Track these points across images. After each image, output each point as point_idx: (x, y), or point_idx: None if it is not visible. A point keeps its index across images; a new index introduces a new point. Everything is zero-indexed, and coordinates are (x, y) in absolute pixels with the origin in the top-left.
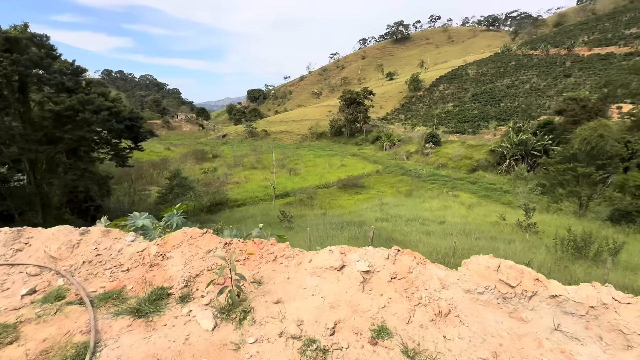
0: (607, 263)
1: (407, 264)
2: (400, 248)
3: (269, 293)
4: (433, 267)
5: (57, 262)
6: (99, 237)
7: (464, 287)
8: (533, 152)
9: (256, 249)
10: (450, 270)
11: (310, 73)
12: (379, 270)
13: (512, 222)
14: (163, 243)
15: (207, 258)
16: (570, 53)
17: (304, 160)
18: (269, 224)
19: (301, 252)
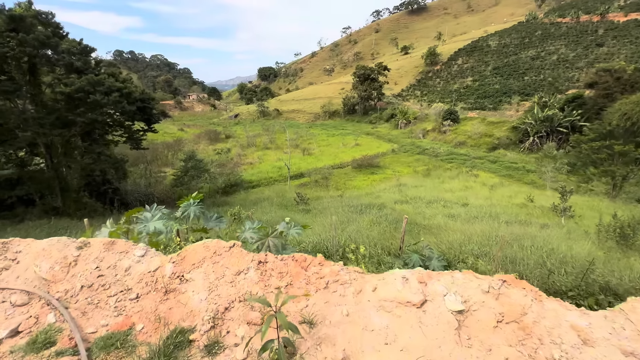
0: None
1: (517, 300)
2: (505, 278)
3: (326, 341)
4: (557, 306)
5: (50, 286)
6: (101, 251)
7: (626, 346)
8: (559, 129)
9: (300, 272)
10: (588, 312)
11: (322, 49)
12: (476, 309)
13: (540, 204)
14: (180, 260)
15: (237, 282)
16: (604, 20)
17: (317, 139)
18: (285, 207)
19: (360, 274)
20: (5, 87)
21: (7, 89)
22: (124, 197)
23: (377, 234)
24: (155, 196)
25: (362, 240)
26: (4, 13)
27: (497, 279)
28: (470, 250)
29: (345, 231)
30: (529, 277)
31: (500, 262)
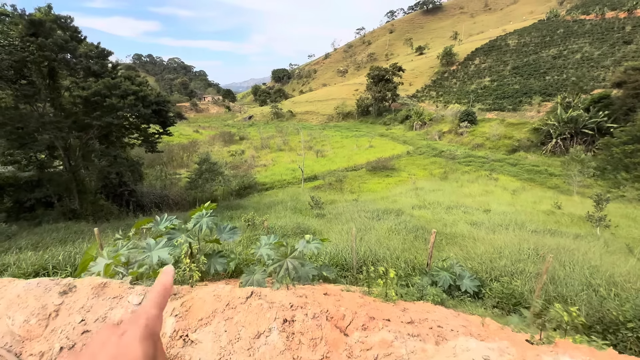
0: None
1: None
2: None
3: None
4: None
5: (24, 344)
6: (89, 297)
7: None
8: (584, 131)
9: (338, 338)
10: None
11: (335, 50)
12: None
13: (569, 212)
14: (184, 312)
15: (255, 349)
16: (631, 16)
17: (331, 141)
18: (300, 211)
19: (421, 346)
20: (26, 91)
21: (27, 92)
22: (139, 199)
23: (398, 243)
24: (170, 198)
25: (383, 252)
26: (25, 18)
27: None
28: (503, 266)
29: (363, 240)
30: (575, 300)
31: (543, 284)
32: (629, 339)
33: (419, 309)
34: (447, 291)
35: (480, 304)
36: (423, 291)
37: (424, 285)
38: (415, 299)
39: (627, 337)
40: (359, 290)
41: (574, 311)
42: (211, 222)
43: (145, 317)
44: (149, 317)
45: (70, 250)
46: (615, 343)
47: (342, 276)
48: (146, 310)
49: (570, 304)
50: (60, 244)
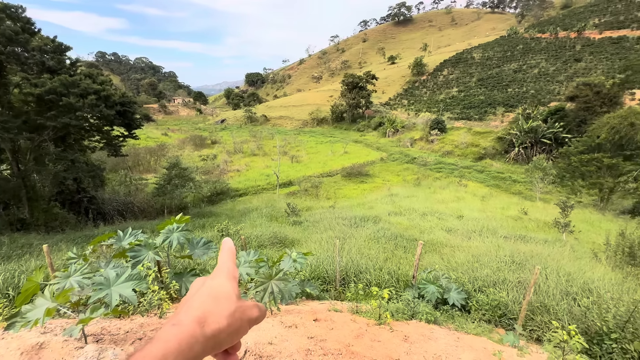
0: None
1: None
2: None
3: None
4: None
5: None
6: None
7: None
8: (543, 140)
9: None
10: None
11: (310, 56)
12: None
13: (535, 217)
14: None
15: None
16: (581, 36)
17: (306, 146)
18: (275, 218)
19: None
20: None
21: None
22: (100, 207)
23: (379, 253)
24: (136, 206)
25: (365, 262)
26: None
27: None
28: (485, 276)
29: (343, 249)
30: (557, 310)
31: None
32: (614, 349)
33: (417, 333)
34: (435, 305)
35: (469, 318)
36: (414, 308)
37: (412, 299)
38: (407, 318)
39: (611, 347)
40: (347, 308)
41: (573, 329)
42: (183, 238)
43: (225, 267)
44: (228, 267)
45: (14, 269)
46: (601, 354)
47: (324, 290)
48: (223, 263)
49: (553, 313)
50: (2, 260)
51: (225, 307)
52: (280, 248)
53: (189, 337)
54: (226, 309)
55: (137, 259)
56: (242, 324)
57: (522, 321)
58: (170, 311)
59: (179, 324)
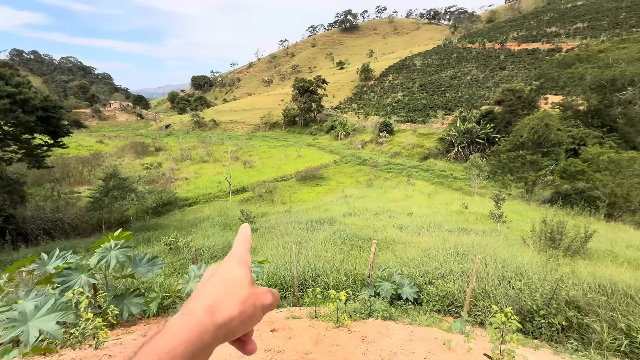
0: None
1: None
2: None
3: None
4: None
5: None
6: None
7: None
8: (478, 140)
9: None
10: None
11: (259, 60)
12: None
13: (474, 211)
14: None
15: None
16: (503, 47)
17: (259, 151)
18: (229, 226)
19: None
20: None
21: None
22: (21, 227)
23: (335, 254)
24: (67, 223)
25: (322, 265)
26: None
27: None
28: (434, 269)
29: (300, 254)
30: (495, 295)
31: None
32: (542, 324)
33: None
34: (390, 301)
35: (421, 310)
36: (371, 307)
37: (368, 297)
38: (364, 317)
39: (540, 323)
40: (306, 314)
41: (509, 311)
42: (123, 255)
43: (238, 254)
44: (240, 254)
45: None
46: (532, 330)
47: (283, 297)
48: (236, 250)
49: (492, 298)
50: None
51: (237, 294)
52: None
53: (199, 326)
54: (238, 296)
55: (66, 285)
56: (255, 311)
57: (468, 308)
58: (109, 340)
59: (188, 314)
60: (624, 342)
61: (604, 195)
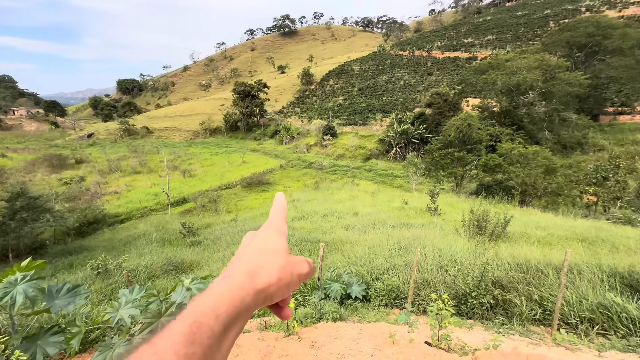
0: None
1: None
2: None
3: None
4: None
5: None
6: None
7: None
8: (413, 140)
9: None
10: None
11: (195, 63)
12: None
13: (413, 206)
14: None
15: None
16: (430, 55)
17: (200, 159)
18: (169, 242)
19: None
20: None
21: None
22: None
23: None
24: None
25: None
26: None
27: None
28: (380, 264)
29: None
30: (435, 282)
31: (413, 274)
32: (475, 305)
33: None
34: (340, 302)
35: (370, 306)
36: (321, 310)
37: (318, 300)
38: (315, 321)
39: (473, 304)
40: (256, 326)
41: (446, 297)
42: (33, 289)
43: (275, 223)
44: (277, 223)
45: None
46: (467, 311)
47: None
48: (273, 219)
49: (432, 286)
50: None
51: (275, 262)
52: (176, 275)
53: (240, 289)
54: (276, 264)
55: None
56: (292, 279)
57: (412, 298)
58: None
59: (230, 277)
60: (539, 311)
61: (517, 185)
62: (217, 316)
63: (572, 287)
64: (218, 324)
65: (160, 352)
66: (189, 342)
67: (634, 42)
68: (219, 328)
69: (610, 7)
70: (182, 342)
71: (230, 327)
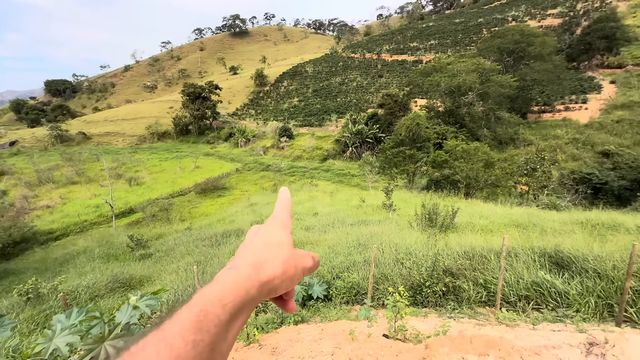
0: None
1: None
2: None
3: None
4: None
5: None
6: None
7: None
8: (367, 140)
9: None
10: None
11: (138, 63)
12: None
13: (370, 203)
14: None
15: None
16: (379, 58)
17: (147, 165)
18: (115, 257)
19: None
20: None
21: None
22: None
23: None
24: None
25: None
26: None
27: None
28: (340, 263)
29: (206, 273)
30: (392, 276)
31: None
32: (428, 294)
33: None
34: (302, 303)
35: (331, 305)
36: (282, 314)
37: None
38: (277, 326)
39: (427, 293)
40: None
41: (402, 289)
42: None
43: (280, 217)
44: (282, 217)
45: None
46: (422, 300)
47: None
48: (278, 214)
49: (390, 279)
50: None
51: (280, 255)
52: (124, 293)
53: (246, 280)
54: (281, 257)
55: None
56: (296, 272)
57: (371, 293)
58: None
59: (235, 268)
60: (484, 294)
61: (462, 179)
62: (223, 306)
63: (511, 269)
64: (225, 313)
65: (169, 337)
66: (197, 329)
67: (551, 49)
68: (226, 317)
69: (531, 18)
70: (190, 328)
71: (236, 316)
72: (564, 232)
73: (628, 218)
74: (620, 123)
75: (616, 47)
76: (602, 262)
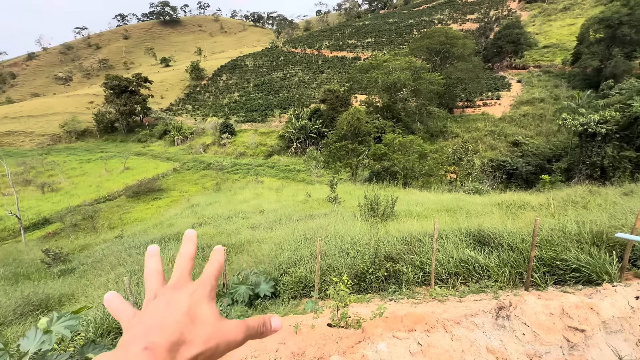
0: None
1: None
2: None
3: None
4: (462, 330)
5: None
6: None
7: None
8: (311, 135)
9: None
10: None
11: (46, 50)
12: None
13: (316, 197)
14: None
15: None
16: (320, 54)
17: (65, 168)
18: (27, 276)
19: None
20: None
21: None
22: None
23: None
24: None
25: None
26: None
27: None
28: (287, 259)
29: (140, 285)
30: (338, 266)
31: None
32: (372, 280)
33: None
34: (249, 303)
35: (279, 301)
36: (228, 316)
37: (225, 307)
38: None
39: (370, 279)
40: None
41: (345, 278)
42: None
43: (210, 283)
44: (212, 284)
45: None
46: (366, 287)
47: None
48: (209, 278)
49: (336, 270)
50: None
51: (202, 331)
52: (38, 316)
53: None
54: (203, 333)
55: None
56: (217, 349)
57: (318, 285)
58: None
59: (151, 349)
60: (420, 275)
61: (400, 170)
62: None
63: (442, 250)
64: None
65: None
66: None
67: (471, 50)
68: None
69: (454, 21)
70: None
71: None
72: (485, 213)
73: (532, 197)
74: (526, 117)
75: (521, 51)
76: (514, 237)
